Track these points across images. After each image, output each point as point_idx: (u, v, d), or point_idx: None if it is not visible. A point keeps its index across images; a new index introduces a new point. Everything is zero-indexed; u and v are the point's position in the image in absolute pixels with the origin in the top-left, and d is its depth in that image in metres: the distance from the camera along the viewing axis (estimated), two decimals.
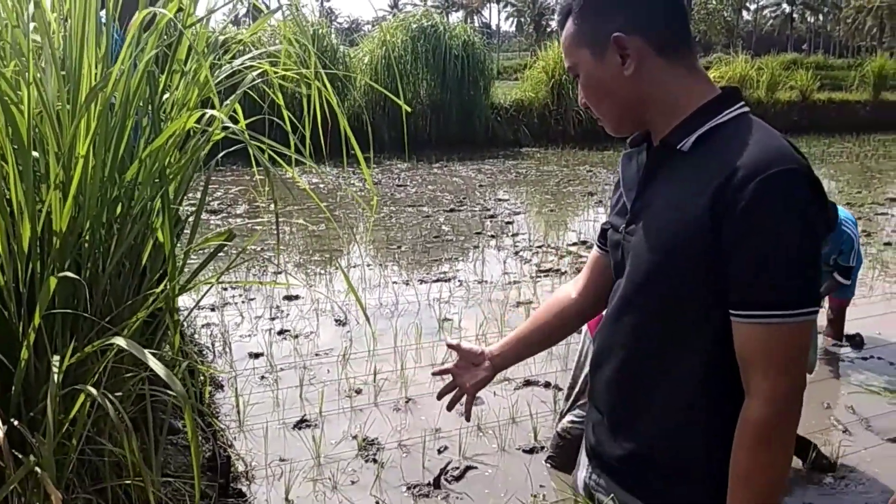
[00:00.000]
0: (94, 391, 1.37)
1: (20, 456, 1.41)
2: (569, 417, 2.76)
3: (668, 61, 1.03)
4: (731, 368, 1.01)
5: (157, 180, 1.82)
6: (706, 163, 0.99)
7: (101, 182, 1.70)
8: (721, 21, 74.60)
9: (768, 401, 0.96)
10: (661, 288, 1.04)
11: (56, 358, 1.47)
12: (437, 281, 5.25)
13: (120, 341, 1.36)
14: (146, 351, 1.32)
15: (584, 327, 2.71)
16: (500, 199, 8.65)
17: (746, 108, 1.04)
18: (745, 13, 79.90)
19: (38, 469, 1.33)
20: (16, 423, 1.46)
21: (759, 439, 0.98)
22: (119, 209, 1.90)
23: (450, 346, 1.48)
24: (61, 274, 1.43)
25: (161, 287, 1.85)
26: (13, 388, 1.52)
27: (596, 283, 1.32)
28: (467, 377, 1.43)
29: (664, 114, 1.05)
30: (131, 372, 1.77)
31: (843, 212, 3.88)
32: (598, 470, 1.22)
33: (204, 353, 3.81)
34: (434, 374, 1.55)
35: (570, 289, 1.39)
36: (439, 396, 1.51)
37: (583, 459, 1.29)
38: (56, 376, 1.40)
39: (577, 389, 2.79)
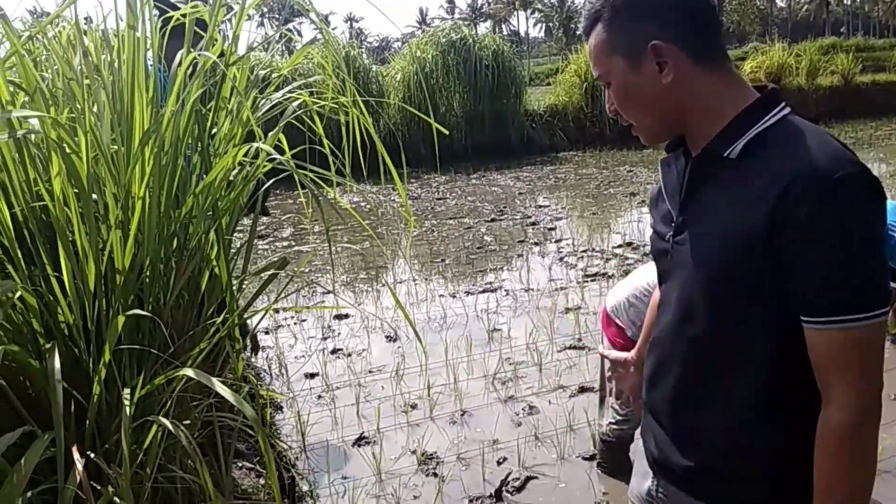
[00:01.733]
0: (165, 421, 1.43)
1: (98, 487, 1.47)
2: (606, 420, 2.73)
3: (704, 68, 1.02)
4: (792, 374, 1.01)
5: (210, 214, 1.89)
6: (758, 170, 0.97)
7: (158, 219, 1.77)
8: (754, 10, 73.20)
9: (850, 407, 0.95)
10: (718, 299, 1.03)
11: (127, 391, 1.53)
12: (484, 292, 5.26)
13: (188, 371, 1.41)
14: (214, 379, 1.36)
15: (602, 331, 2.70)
16: (540, 206, 8.62)
17: (788, 109, 1.03)
18: (778, 0, 78.29)
19: (116, 499, 1.38)
20: (92, 455, 1.53)
21: (843, 446, 0.96)
22: (176, 244, 1.97)
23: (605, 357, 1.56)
24: (130, 312, 1.49)
25: (221, 317, 1.91)
26: (87, 422, 1.58)
27: None
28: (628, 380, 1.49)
29: (704, 121, 1.04)
30: (197, 400, 1.83)
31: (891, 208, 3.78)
32: (663, 481, 1.21)
33: (261, 376, 3.90)
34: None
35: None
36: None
37: (643, 468, 1.29)
38: (128, 409, 1.46)
39: (606, 392, 2.77)
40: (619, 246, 6.29)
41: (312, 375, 3.91)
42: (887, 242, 3.63)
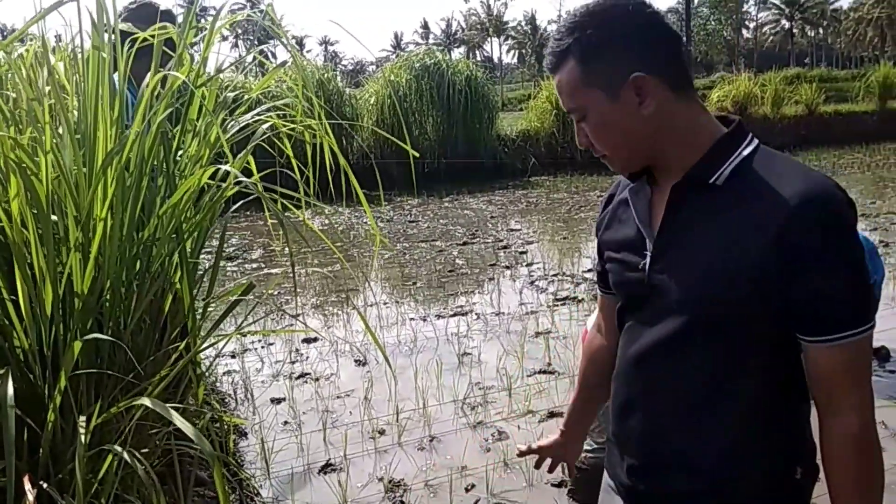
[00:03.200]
0: (121, 451, 1.38)
1: None
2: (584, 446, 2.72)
3: (681, 97, 1.04)
4: (782, 393, 1.04)
5: (174, 236, 1.86)
6: (752, 196, 0.99)
7: (120, 242, 1.73)
8: (721, 41, 75.08)
9: (859, 413, 1.00)
10: (712, 325, 1.03)
11: (83, 419, 1.48)
12: (455, 315, 5.25)
13: (146, 401, 1.37)
14: (170, 407, 1.33)
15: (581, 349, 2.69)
16: (512, 230, 8.67)
17: (757, 140, 1.06)
18: (744, 31, 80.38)
19: None
20: (45, 485, 1.47)
21: (860, 450, 1.00)
22: (138, 266, 1.93)
23: (522, 454, 1.49)
24: (88, 336, 1.45)
25: (183, 343, 1.88)
26: (41, 450, 1.53)
27: (611, 327, 1.30)
28: (558, 454, 1.48)
29: (682, 149, 1.05)
30: (156, 427, 1.79)
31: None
32: None
33: (226, 400, 3.82)
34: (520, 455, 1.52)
35: (598, 335, 1.39)
36: (537, 466, 1.54)
37: (613, 500, 1.27)
38: (83, 437, 1.42)
39: None
40: (589, 270, 6.33)
41: (279, 400, 3.84)
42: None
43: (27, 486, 1.34)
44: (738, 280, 0.98)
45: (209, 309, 2.40)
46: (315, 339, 4.79)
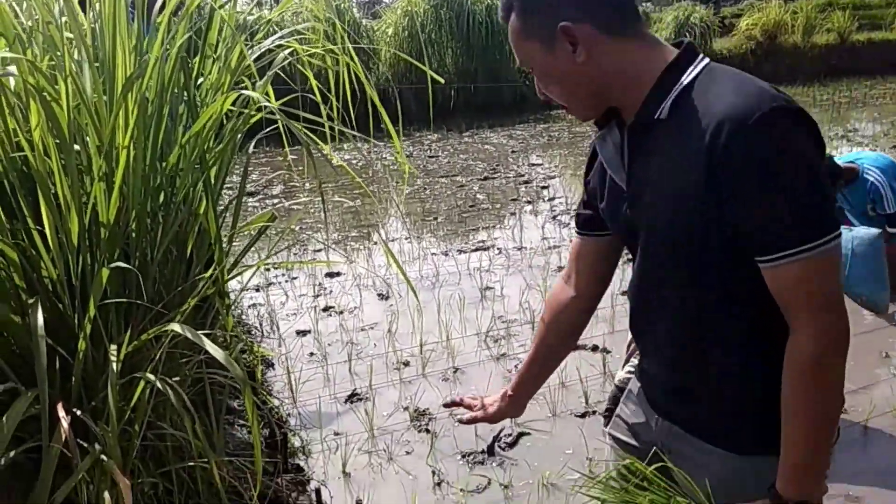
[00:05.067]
0: (153, 378, 1.39)
1: (85, 445, 1.45)
2: (626, 369, 2.73)
3: (618, 39, 1.02)
4: (768, 317, 1.02)
5: (197, 166, 1.83)
6: (688, 124, 0.98)
7: (144, 171, 1.71)
8: None
9: (812, 336, 0.97)
10: (684, 257, 1.04)
11: (113, 347, 1.49)
12: (476, 250, 5.23)
13: (175, 327, 1.37)
14: (201, 334, 1.33)
15: None
16: (533, 164, 8.55)
17: (708, 60, 1.03)
18: None
19: (103, 457, 1.36)
20: (78, 412, 1.49)
21: (807, 375, 0.98)
22: (162, 197, 1.91)
23: (447, 406, 1.49)
24: (113, 264, 1.44)
25: (209, 272, 1.87)
26: (73, 379, 1.55)
27: (589, 271, 1.31)
28: (495, 418, 1.44)
29: (629, 90, 1.04)
30: (186, 356, 1.80)
31: (870, 158, 3.78)
32: (667, 423, 1.21)
33: (252, 332, 3.87)
34: (445, 405, 1.52)
35: (566, 288, 1.35)
36: (446, 405, 1.51)
37: (639, 403, 1.29)
38: (115, 365, 1.43)
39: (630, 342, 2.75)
40: None
41: (304, 333, 3.88)
42: (863, 189, 3.65)
43: (61, 413, 1.35)
44: (685, 210, 0.99)
45: (233, 244, 2.39)
46: (338, 274, 4.81)
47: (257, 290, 4.52)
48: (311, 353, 3.62)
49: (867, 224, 3.61)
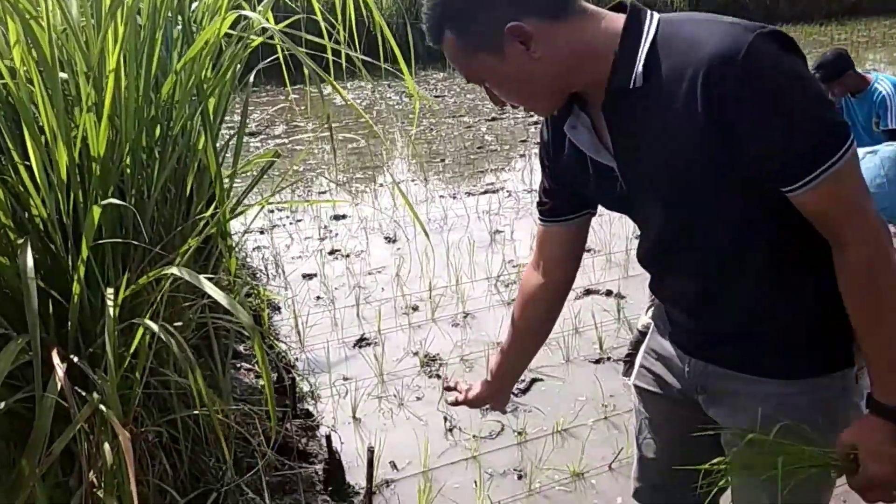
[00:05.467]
0: (152, 325, 1.30)
1: (83, 394, 1.36)
2: (649, 314, 2.64)
3: (566, 21, 0.96)
4: (797, 245, 1.01)
5: (194, 97, 1.69)
6: (669, 84, 0.94)
7: (137, 102, 1.58)
8: None
9: (862, 242, 0.95)
10: (698, 214, 1.01)
11: (110, 291, 1.39)
12: (486, 193, 5.10)
13: (174, 270, 1.27)
14: (202, 277, 1.22)
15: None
16: None
17: (657, 15, 0.98)
18: None
19: (102, 407, 1.27)
20: (76, 360, 1.41)
21: (866, 281, 0.96)
22: (158, 131, 1.79)
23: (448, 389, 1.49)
24: (105, 201, 1.33)
25: (210, 211, 1.76)
26: (69, 323, 1.45)
27: (560, 256, 1.28)
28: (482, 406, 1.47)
29: (590, 69, 0.99)
30: (189, 300, 1.71)
31: (888, 76, 3.63)
32: (701, 363, 1.17)
33: (257, 276, 3.79)
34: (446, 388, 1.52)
35: (537, 275, 1.31)
36: (446, 388, 1.50)
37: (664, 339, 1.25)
38: (111, 310, 1.33)
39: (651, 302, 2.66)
40: None
41: (310, 276, 3.80)
42: (870, 101, 3.51)
43: (56, 360, 1.26)
44: (693, 169, 0.96)
45: (235, 182, 2.27)
46: (344, 217, 4.69)
47: (262, 233, 4.41)
48: (318, 297, 3.54)
49: (869, 142, 3.44)
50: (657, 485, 1.34)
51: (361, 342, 3.10)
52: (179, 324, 1.58)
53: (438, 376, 2.83)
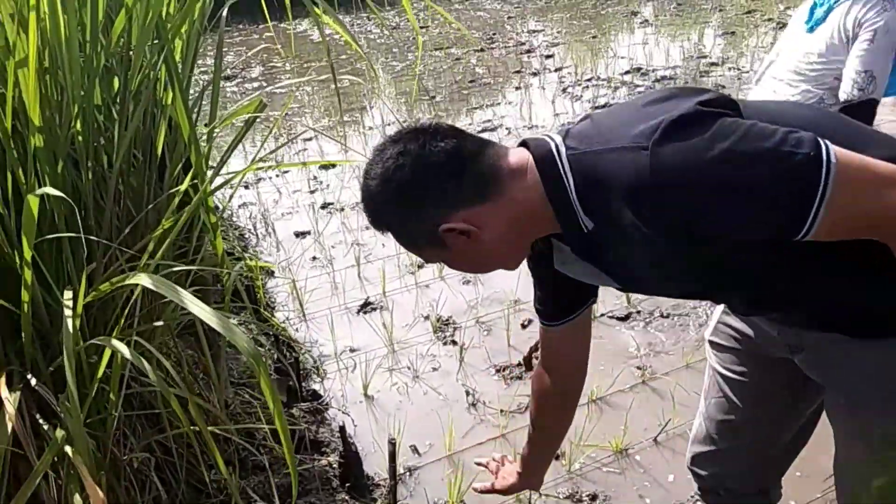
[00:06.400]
0: (121, 347, 1.00)
1: (47, 427, 1.08)
2: None
3: (496, 197, 0.93)
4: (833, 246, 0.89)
5: (156, 40, 1.36)
6: (617, 220, 0.88)
7: (83, 49, 1.24)
8: None
9: None
10: (721, 277, 0.97)
11: (68, 296, 1.09)
12: (483, 131, 4.75)
13: (142, 280, 0.96)
14: (182, 291, 0.93)
15: None
16: (533, 31, 7.85)
17: (557, 142, 0.92)
18: None
19: (68, 449, 0.99)
20: (33, 381, 1.12)
21: None
22: (117, 85, 1.46)
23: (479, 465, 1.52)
24: (40, 191, 1.01)
25: (187, 180, 1.44)
26: (23, 336, 1.16)
27: (570, 351, 1.24)
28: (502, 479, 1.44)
29: (540, 222, 0.96)
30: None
31: None
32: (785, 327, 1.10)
33: (246, 236, 3.48)
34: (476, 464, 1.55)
35: (547, 378, 1.26)
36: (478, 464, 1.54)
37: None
38: (70, 322, 1.04)
39: None
40: (627, 72, 5.71)
41: (303, 234, 3.49)
42: None
43: (3, 391, 0.97)
44: (697, 271, 0.95)
45: (214, 136, 1.95)
46: (333, 165, 4.35)
47: (246, 188, 4.08)
48: (314, 258, 3.24)
49: None
50: (721, 450, 1.29)
51: (366, 307, 2.83)
52: (160, 323, 1.29)
53: (454, 342, 2.57)
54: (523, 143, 0.97)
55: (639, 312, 2.64)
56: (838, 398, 1.07)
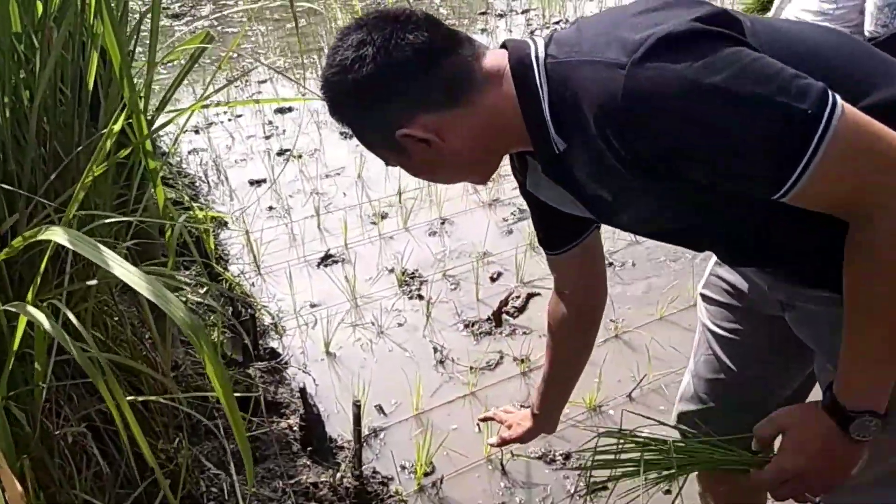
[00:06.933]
0: (35, 312, 0.85)
1: None
2: None
3: (462, 103, 0.85)
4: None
5: None
6: (588, 142, 0.80)
7: None
8: None
9: (886, 213, 0.73)
10: (701, 229, 0.92)
11: None
12: None
13: (56, 236, 0.81)
14: (106, 250, 0.78)
15: None
16: None
17: (540, 45, 0.84)
18: None
19: None
20: None
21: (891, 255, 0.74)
22: (40, 8, 1.27)
23: (483, 420, 1.49)
24: None
25: (122, 118, 1.27)
26: None
27: (577, 282, 1.17)
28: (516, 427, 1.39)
29: (511, 134, 0.87)
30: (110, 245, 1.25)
31: None
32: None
33: (196, 184, 3.28)
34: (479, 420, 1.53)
35: (561, 306, 1.20)
36: (481, 420, 1.51)
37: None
38: None
39: None
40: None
41: (258, 182, 3.30)
42: None
43: None
44: (668, 213, 0.88)
45: (156, 74, 1.76)
46: (290, 109, 4.13)
47: (196, 132, 3.84)
48: (271, 208, 3.07)
49: None
50: (709, 408, 1.22)
51: (327, 260, 2.69)
52: (94, 282, 1.14)
53: (421, 296, 2.46)
54: (504, 45, 0.88)
55: (611, 264, 2.56)
56: (826, 364, 1.01)
